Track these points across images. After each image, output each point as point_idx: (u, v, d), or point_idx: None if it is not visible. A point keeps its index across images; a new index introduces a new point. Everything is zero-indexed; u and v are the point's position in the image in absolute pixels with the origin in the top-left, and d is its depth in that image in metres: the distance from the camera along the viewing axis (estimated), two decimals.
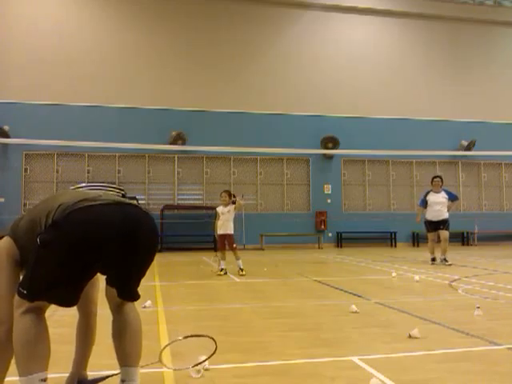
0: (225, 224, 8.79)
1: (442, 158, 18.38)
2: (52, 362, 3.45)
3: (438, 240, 10.57)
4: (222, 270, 8.61)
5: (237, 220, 10.16)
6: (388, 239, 17.52)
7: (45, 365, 2.39)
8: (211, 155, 16.57)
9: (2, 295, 2.51)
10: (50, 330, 2.49)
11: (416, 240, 17.56)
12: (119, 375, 2.63)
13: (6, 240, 2.77)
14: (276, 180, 17.21)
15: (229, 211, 8.79)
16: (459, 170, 18.71)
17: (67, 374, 3.19)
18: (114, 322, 2.84)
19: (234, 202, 8.84)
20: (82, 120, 15.54)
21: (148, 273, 2.81)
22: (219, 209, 8.95)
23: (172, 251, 15.18)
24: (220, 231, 8.84)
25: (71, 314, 5.19)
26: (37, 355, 2.37)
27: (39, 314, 2.39)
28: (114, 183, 15.49)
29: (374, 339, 4.03)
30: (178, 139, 15.79)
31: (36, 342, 2.35)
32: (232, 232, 8.85)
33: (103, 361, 3.48)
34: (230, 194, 8.98)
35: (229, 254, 8.90)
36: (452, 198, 10.75)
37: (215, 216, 9.38)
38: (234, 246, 8.83)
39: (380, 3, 18.53)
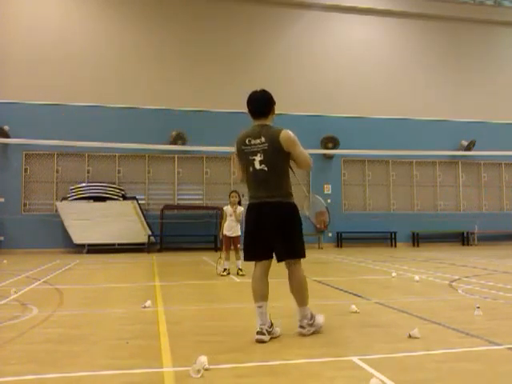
0: (232, 225, 8.73)
1: (441, 157, 18.38)
2: (52, 361, 3.46)
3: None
4: (224, 270, 8.60)
5: None
6: (388, 239, 17.52)
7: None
8: (211, 155, 16.57)
9: None
10: (50, 330, 2.49)
11: (416, 240, 17.56)
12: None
13: None
14: None
15: (237, 215, 8.71)
16: (459, 170, 18.71)
17: (67, 374, 3.20)
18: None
19: (239, 203, 8.81)
20: (82, 120, 15.53)
21: (148, 273, 2.81)
22: (227, 209, 8.84)
23: (172, 251, 15.18)
24: (228, 233, 8.75)
25: (71, 314, 5.20)
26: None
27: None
28: (114, 183, 15.50)
29: (374, 339, 4.03)
30: (178, 139, 15.79)
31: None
32: (239, 233, 8.79)
33: (103, 361, 3.48)
34: (239, 195, 8.95)
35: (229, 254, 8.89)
36: None
37: (221, 215, 9.32)
38: (238, 246, 8.83)
39: (380, 3, 18.53)
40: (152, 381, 3.07)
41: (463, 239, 18.02)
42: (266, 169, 4.04)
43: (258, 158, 4.04)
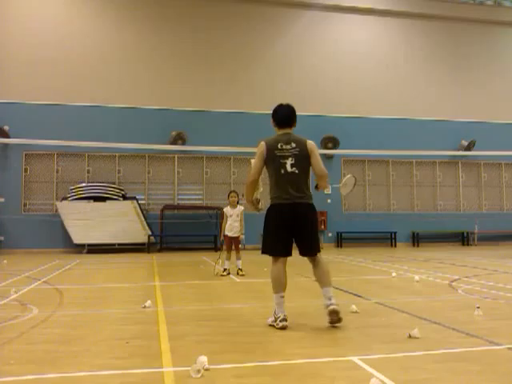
0: (233, 225, 8.72)
1: (441, 158, 18.38)
2: (52, 361, 3.46)
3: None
4: (224, 270, 8.60)
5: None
6: (388, 239, 17.51)
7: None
8: (211, 155, 16.57)
9: None
10: (50, 331, 2.49)
11: (416, 240, 17.56)
12: (321, 291, 4.52)
13: None
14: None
15: (238, 215, 8.71)
16: (459, 170, 18.71)
17: (67, 374, 3.20)
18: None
19: (238, 203, 8.81)
20: (82, 120, 15.53)
21: (148, 273, 2.81)
22: (227, 210, 8.82)
23: (172, 251, 15.18)
24: (229, 233, 8.73)
25: (71, 314, 5.20)
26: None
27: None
28: (114, 183, 15.50)
29: (374, 339, 4.03)
30: (178, 139, 15.79)
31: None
32: (239, 234, 8.78)
33: (103, 361, 3.48)
34: (238, 195, 8.95)
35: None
36: None
37: (221, 216, 9.32)
38: (239, 246, 8.83)
39: (380, 3, 18.53)
40: (152, 381, 3.07)
41: (463, 239, 18.02)
42: (296, 171, 4.53)
43: (289, 161, 4.52)
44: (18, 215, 14.81)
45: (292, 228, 4.51)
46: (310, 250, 4.61)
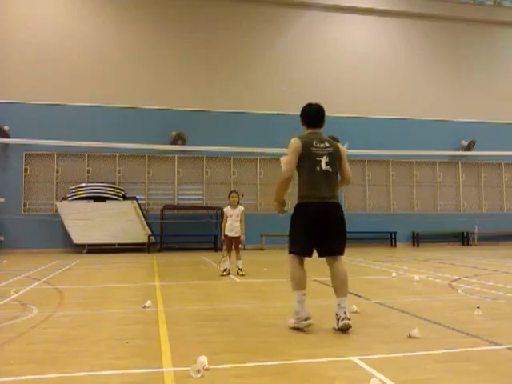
0: (233, 225, 8.71)
1: (441, 158, 18.37)
2: (52, 361, 3.46)
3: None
4: (225, 270, 8.60)
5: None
6: (388, 239, 17.51)
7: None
8: (211, 155, 16.56)
9: None
10: (50, 331, 2.49)
11: (416, 240, 17.56)
12: (336, 301, 4.36)
13: None
14: (276, 180, 17.15)
15: (238, 215, 8.70)
16: (459, 170, 18.71)
17: (67, 374, 3.20)
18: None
19: (238, 203, 8.81)
20: (82, 120, 15.53)
21: (148, 273, 2.82)
22: (227, 210, 8.79)
23: (172, 251, 15.18)
24: (230, 233, 8.71)
25: (71, 314, 5.20)
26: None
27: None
28: (114, 183, 15.50)
29: (374, 339, 4.03)
30: (178, 139, 15.78)
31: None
32: (240, 234, 8.78)
33: (103, 361, 3.48)
34: (238, 195, 8.94)
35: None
36: None
37: (221, 216, 9.30)
38: (239, 246, 8.82)
39: (380, 3, 18.52)
40: (152, 381, 3.07)
41: (463, 239, 18.02)
42: (330, 170, 4.52)
43: (324, 159, 4.51)
44: (18, 215, 14.81)
45: (321, 228, 4.44)
46: (338, 249, 4.55)
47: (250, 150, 15.59)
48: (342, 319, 4.22)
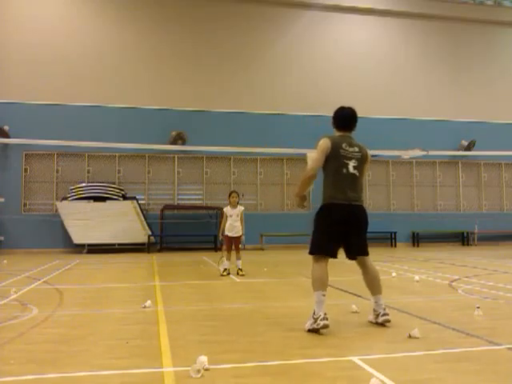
0: (233, 225, 8.71)
1: (441, 158, 18.37)
2: (52, 361, 3.46)
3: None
4: (225, 270, 8.60)
5: None
6: (388, 239, 17.50)
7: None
8: (211, 155, 16.56)
9: None
10: (50, 331, 2.49)
11: (416, 240, 17.55)
12: (372, 299, 4.67)
13: None
14: (276, 180, 17.19)
15: (238, 215, 8.70)
16: (459, 170, 18.71)
17: (67, 374, 3.20)
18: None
19: (238, 203, 8.80)
20: (82, 120, 15.53)
21: (148, 273, 2.81)
22: (227, 210, 8.77)
23: (172, 251, 15.18)
24: (230, 233, 8.70)
25: (71, 314, 5.20)
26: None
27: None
28: (114, 183, 15.50)
29: (374, 339, 4.03)
30: (178, 139, 15.78)
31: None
32: (240, 234, 8.78)
33: (103, 361, 3.48)
34: (238, 195, 8.94)
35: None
36: None
37: (221, 215, 9.29)
38: (239, 246, 8.82)
39: (380, 3, 18.52)
40: (152, 381, 3.07)
41: (463, 239, 18.01)
42: (357, 174, 4.58)
43: (352, 163, 4.55)
44: (18, 215, 14.81)
45: (345, 229, 4.48)
46: (364, 251, 4.67)
47: (250, 150, 15.59)
48: (383, 315, 4.49)
